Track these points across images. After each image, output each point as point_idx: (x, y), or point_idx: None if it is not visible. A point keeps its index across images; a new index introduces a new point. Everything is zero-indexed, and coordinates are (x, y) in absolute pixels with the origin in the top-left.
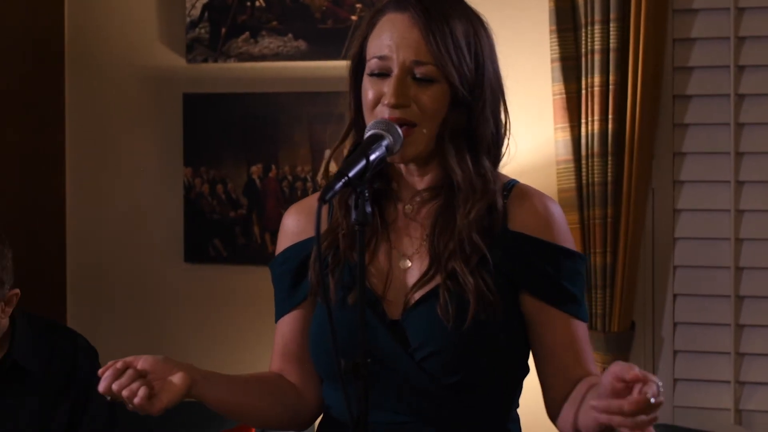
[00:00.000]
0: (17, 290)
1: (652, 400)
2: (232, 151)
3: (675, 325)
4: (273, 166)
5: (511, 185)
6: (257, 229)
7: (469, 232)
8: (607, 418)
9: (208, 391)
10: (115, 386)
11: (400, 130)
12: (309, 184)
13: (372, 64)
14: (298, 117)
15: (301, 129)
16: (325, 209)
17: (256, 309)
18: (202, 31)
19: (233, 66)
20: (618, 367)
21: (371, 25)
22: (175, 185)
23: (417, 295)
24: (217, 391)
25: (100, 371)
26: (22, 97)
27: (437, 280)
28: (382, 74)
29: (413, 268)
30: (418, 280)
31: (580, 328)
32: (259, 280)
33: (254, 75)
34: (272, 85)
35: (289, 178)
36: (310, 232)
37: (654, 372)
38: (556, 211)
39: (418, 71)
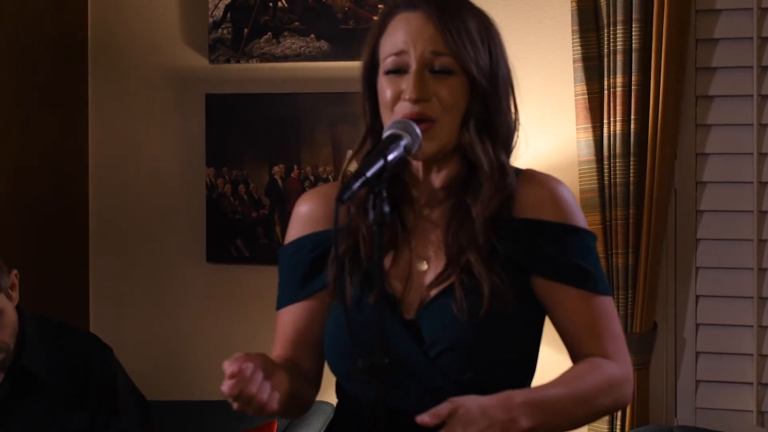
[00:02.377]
0: (15, 270)
1: None
2: (254, 151)
3: (697, 326)
4: (295, 167)
5: (518, 172)
6: (279, 229)
7: (485, 225)
8: None
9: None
10: (246, 393)
11: (418, 130)
12: None
13: (388, 62)
14: (320, 117)
15: (323, 129)
16: (343, 208)
17: None
18: (225, 31)
19: (255, 66)
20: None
21: (383, 27)
22: (198, 185)
23: (431, 294)
24: (292, 386)
25: (226, 372)
26: (45, 98)
27: (452, 278)
28: (400, 71)
29: (430, 269)
30: (434, 280)
31: (601, 302)
32: None
33: (276, 75)
34: (294, 85)
35: (311, 178)
36: (325, 223)
37: (676, 373)
38: (561, 190)
39: (437, 63)
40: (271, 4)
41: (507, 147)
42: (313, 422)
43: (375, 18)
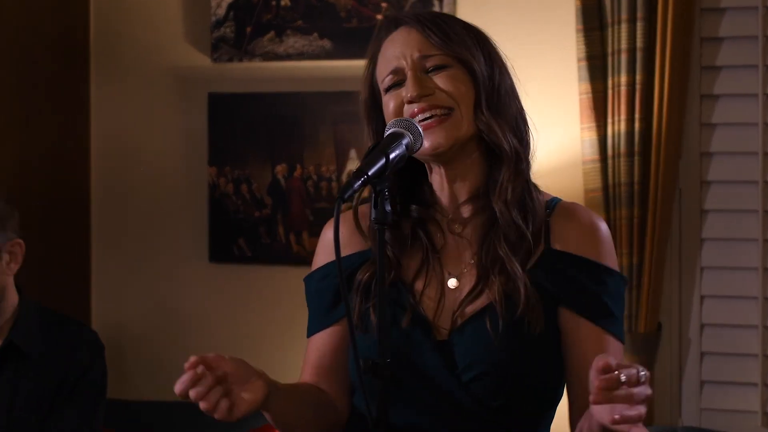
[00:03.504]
0: (20, 240)
1: (622, 378)
2: (256, 150)
3: (702, 326)
4: (298, 166)
5: (554, 203)
6: (282, 228)
7: (512, 216)
8: (596, 411)
9: (275, 404)
10: (192, 394)
11: (420, 128)
12: (334, 184)
13: (386, 81)
14: (323, 116)
15: (326, 128)
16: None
17: (280, 309)
18: (228, 30)
19: (258, 65)
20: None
21: (374, 61)
22: (200, 185)
23: (465, 313)
24: (281, 404)
25: (185, 369)
26: (47, 96)
27: (486, 297)
28: (398, 84)
29: (461, 286)
30: (466, 296)
31: (615, 345)
32: (284, 280)
33: (279, 74)
34: (297, 84)
35: (314, 177)
36: (350, 248)
37: (681, 374)
38: (602, 228)
39: (429, 63)
40: (273, 2)
41: (517, 133)
42: None
43: (378, 17)
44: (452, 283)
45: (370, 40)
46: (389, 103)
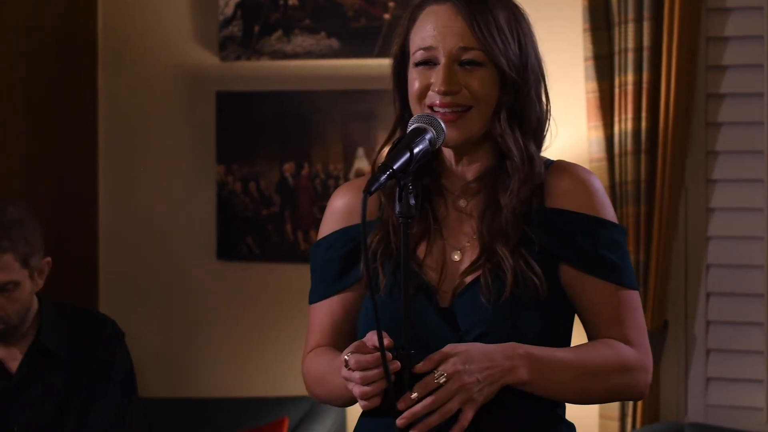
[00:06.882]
0: (49, 258)
1: (413, 396)
2: (264, 148)
3: (708, 323)
4: (305, 164)
5: (549, 163)
6: (290, 226)
7: (512, 213)
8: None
9: None
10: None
11: (442, 124)
12: (342, 182)
13: (417, 55)
14: (331, 115)
15: (334, 127)
16: (375, 201)
17: (288, 306)
18: (235, 29)
19: (266, 64)
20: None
21: (412, 20)
22: (208, 183)
23: (465, 282)
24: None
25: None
26: (55, 96)
27: (485, 269)
28: (429, 63)
29: (464, 259)
30: (467, 268)
31: (627, 295)
32: (292, 278)
33: (287, 73)
34: (305, 83)
35: (322, 175)
36: (358, 216)
37: (687, 371)
38: (594, 182)
39: (465, 57)
40: (281, 1)
41: (537, 137)
42: (325, 419)
43: (386, 16)
44: (456, 255)
45: None
46: (415, 80)
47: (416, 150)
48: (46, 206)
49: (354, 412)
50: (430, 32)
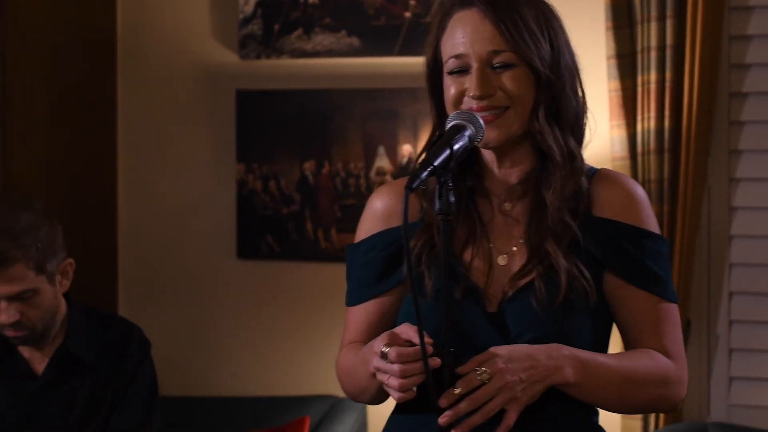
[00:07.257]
0: (71, 260)
1: (456, 392)
2: (284, 147)
3: (731, 323)
4: (326, 163)
5: (593, 171)
6: (310, 225)
7: (561, 213)
8: None
9: None
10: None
11: (481, 121)
12: (362, 181)
13: (450, 63)
14: (351, 113)
15: (354, 125)
16: (416, 204)
17: (308, 305)
18: (255, 27)
19: (286, 62)
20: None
21: (441, 28)
22: (228, 181)
23: (516, 285)
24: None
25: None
26: (75, 94)
27: (534, 274)
28: (462, 71)
29: (512, 263)
30: (516, 273)
31: (668, 308)
32: (312, 277)
33: (307, 71)
34: (325, 81)
35: (342, 174)
36: (398, 218)
37: (709, 370)
38: (640, 193)
39: (497, 60)
40: (301, 0)
41: (575, 132)
42: (346, 419)
43: (407, 14)
44: (502, 259)
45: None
46: (450, 87)
47: (456, 146)
48: (66, 205)
49: (375, 411)
50: (460, 39)
